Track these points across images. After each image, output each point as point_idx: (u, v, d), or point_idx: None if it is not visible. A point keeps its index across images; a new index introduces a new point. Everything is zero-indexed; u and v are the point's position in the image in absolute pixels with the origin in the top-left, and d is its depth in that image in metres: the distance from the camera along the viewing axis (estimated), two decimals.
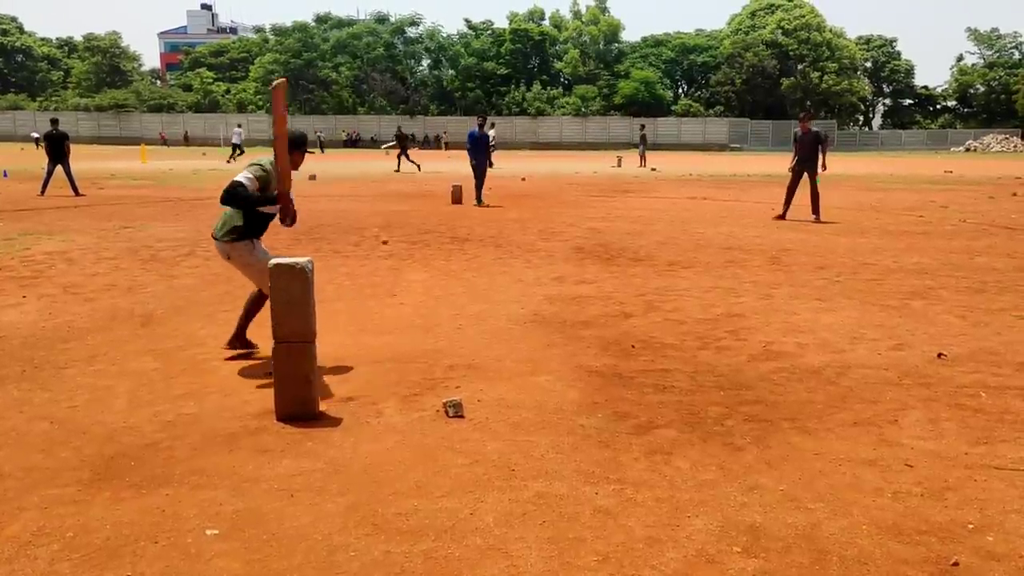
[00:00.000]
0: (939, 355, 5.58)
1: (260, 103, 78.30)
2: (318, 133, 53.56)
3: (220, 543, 3.03)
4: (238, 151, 40.02)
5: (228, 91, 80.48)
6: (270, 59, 76.79)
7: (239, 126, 44.84)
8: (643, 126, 42.67)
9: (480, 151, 17.28)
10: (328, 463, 3.78)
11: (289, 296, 4.32)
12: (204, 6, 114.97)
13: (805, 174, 14.30)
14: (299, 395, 4.37)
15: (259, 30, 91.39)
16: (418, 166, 31.83)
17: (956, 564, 2.87)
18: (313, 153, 6.21)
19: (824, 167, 14.32)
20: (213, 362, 5.48)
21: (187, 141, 69.24)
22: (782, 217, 14.39)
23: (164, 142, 68.15)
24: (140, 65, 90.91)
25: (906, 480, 3.59)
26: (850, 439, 4.09)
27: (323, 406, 4.50)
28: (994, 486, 3.52)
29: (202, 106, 78.48)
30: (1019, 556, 2.93)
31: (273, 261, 4.40)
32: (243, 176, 5.30)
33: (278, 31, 79.84)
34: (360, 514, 3.27)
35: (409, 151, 32.25)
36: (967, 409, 4.52)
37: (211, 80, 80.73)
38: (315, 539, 3.06)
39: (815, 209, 14.26)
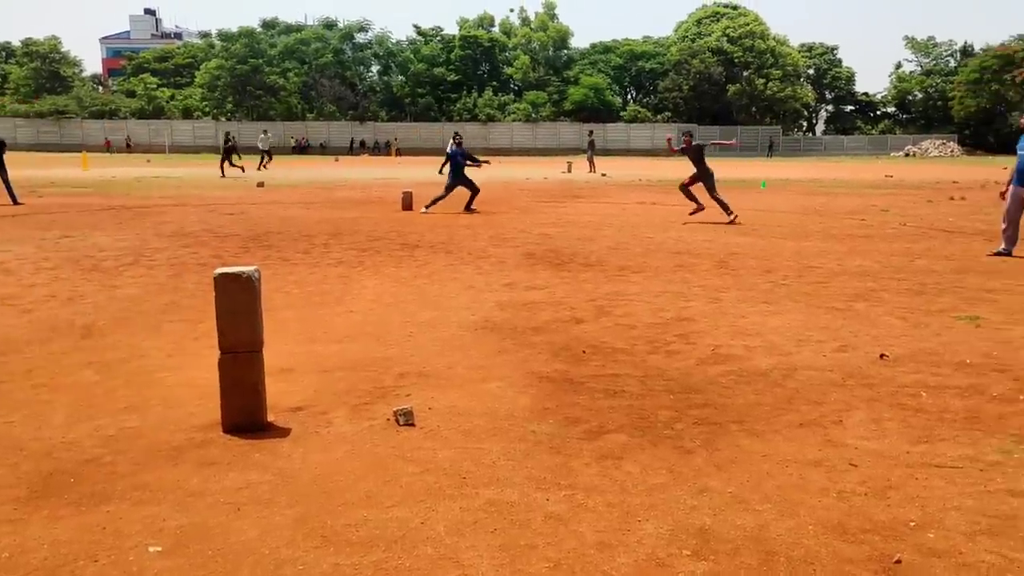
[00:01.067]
0: (881, 356, 5.70)
1: (206, 109, 77.12)
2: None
3: (163, 560, 2.96)
4: (267, 158, 39.18)
5: (173, 97, 79.08)
6: (216, 65, 75.60)
7: (265, 132, 43.59)
8: (592, 132, 42.98)
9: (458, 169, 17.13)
10: (276, 475, 3.72)
11: (235, 305, 4.24)
12: (148, 11, 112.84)
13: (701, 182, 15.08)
14: (246, 406, 4.29)
15: (205, 35, 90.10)
16: (242, 168, 32.52)
17: (899, 562, 2.93)
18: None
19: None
20: (157, 374, 5.35)
21: (129, 148, 67.80)
22: (698, 210, 15.05)
23: (109, 148, 66.60)
24: (81, 71, 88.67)
25: (850, 480, 3.65)
26: (796, 440, 4.16)
27: (271, 417, 4.43)
28: (934, 484, 3.60)
29: (146, 112, 76.95)
30: (959, 552, 3.00)
31: (219, 270, 4.33)
32: None
33: (224, 36, 78.62)
34: (309, 526, 3.22)
35: (235, 157, 32.73)
36: (908, 409, 4.62)
37: (155, 86, 79.21)
38: (262, 553, 3.01)
39: (727, 211, 14.85)
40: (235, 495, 3.49)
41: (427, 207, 16.77)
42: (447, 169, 17.81)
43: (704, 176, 14.90)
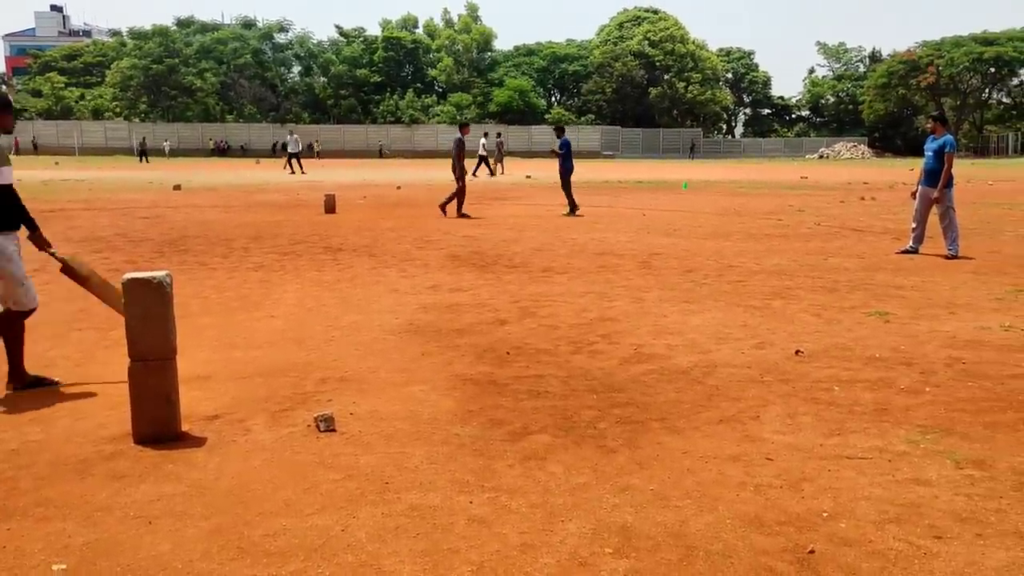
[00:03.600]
0: (797, 352, 5.86)
1: (118, 110, 74.59)
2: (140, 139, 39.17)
3: None
4: (296, 161, 37.48)
5: (82, 97, 76.25)
6: (128, 64, 73.22)
7: (292, 133, 41.92)
8: (500, 134, 42.96)
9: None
10: (191, 486, 3.60)
11: (146, 312, 4.11)
12: (54, 7, 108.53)
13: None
14: (159, 415, 4.15)
15: (115, 33, 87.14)
16: None
17: (812, 552, 3.00)
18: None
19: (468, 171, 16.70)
20: (64, 384, 5.14)
21: (36, 149, 65.11)
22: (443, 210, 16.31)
23: (17, 148, 63.51)
24: None
25: (767, 473, 3.74)
26: (716, 436, 4.23)
27: (186, 426, 4.29)
28: (845, 475, 3.71)
29: (54, 112, 74.02)
30: (869, 541, 3.09)
31: (128, 276, 4.17)
32: None
33: (136, 35, 76.19)
34: (225, 538, 3.12)
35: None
36: (821, 403, 4.76)
37: (63, 85, 76.23)
38: (175, 568, 2.90)
39: (443, 206, 16.19)
40: (146, 508, 3.37)
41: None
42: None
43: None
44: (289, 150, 38.56)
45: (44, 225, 14.53)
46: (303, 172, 36.86)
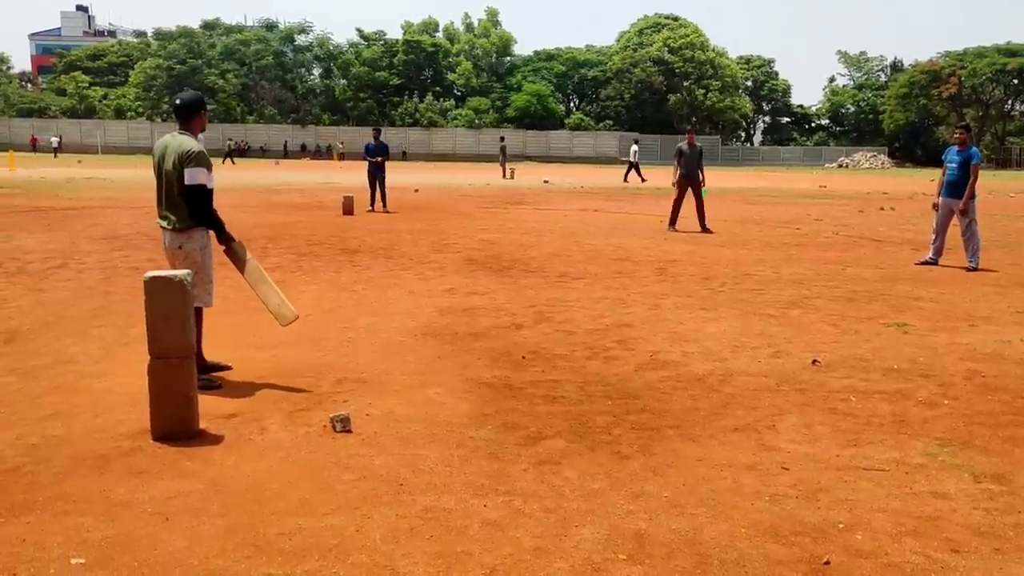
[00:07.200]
0: (814, 362, 5.83)
1: (140, 109, 75.16)
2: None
3: (86, 572, 2.86)
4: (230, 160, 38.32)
5: (106, 96, 76.88)
6: (152, 64, 73.77)
7: (229, 138, 42.96)
8: (503, 138, 43.09)
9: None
10: (207, 483, 3.63)
11: (166, 310, 4.15)
12: (80, 7, 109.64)
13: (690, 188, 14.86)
14: (177, 413, 4.19)
15: (140, 34, 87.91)
16: None
17: (827, 563, 2.99)
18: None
19: (704, 182, 14.93)
20: (84, 380, 5.19)
21: (61, 147, 65.65)
22: (672, 228, 14.77)
23: (48, 147, 63.38)
24: (9, 67, 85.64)
25: (782, 483, 3.72)
26: (731, 444, 4.22)
27: (203, 424, 4.33)
28: (862, 486, 3.69)
29: (77, 111, 74.71)
30: (885, 553, 3.07)
31: (149, 274, 4.22)
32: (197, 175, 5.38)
33: (161, 36, 76.85)
34: (240, 535, 3.14)
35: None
36: (838, 413, 4.74)
37: (87, 84, 76.91)
38: (191, 564, 2.93)
39: (702, 221, 14.77)
40: (164, 504, 3.40)
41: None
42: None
43: (697, 182, 14.79)
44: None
45: (67, 222, 14.66)
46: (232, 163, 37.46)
